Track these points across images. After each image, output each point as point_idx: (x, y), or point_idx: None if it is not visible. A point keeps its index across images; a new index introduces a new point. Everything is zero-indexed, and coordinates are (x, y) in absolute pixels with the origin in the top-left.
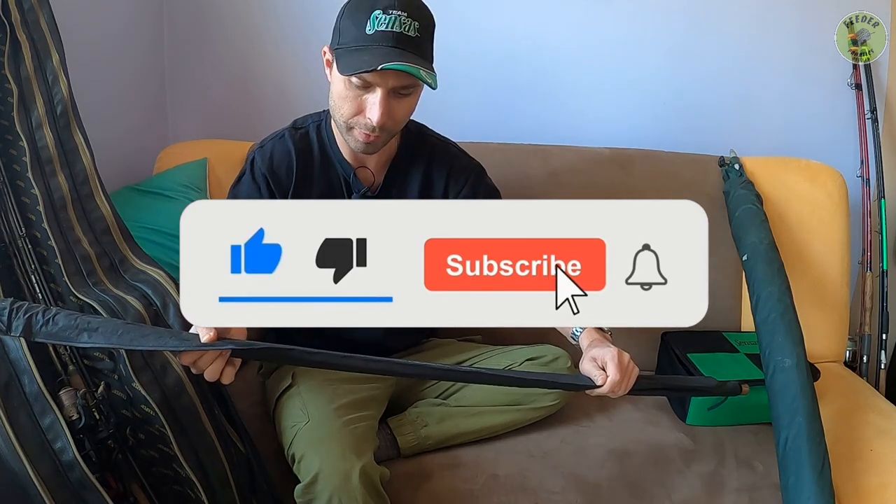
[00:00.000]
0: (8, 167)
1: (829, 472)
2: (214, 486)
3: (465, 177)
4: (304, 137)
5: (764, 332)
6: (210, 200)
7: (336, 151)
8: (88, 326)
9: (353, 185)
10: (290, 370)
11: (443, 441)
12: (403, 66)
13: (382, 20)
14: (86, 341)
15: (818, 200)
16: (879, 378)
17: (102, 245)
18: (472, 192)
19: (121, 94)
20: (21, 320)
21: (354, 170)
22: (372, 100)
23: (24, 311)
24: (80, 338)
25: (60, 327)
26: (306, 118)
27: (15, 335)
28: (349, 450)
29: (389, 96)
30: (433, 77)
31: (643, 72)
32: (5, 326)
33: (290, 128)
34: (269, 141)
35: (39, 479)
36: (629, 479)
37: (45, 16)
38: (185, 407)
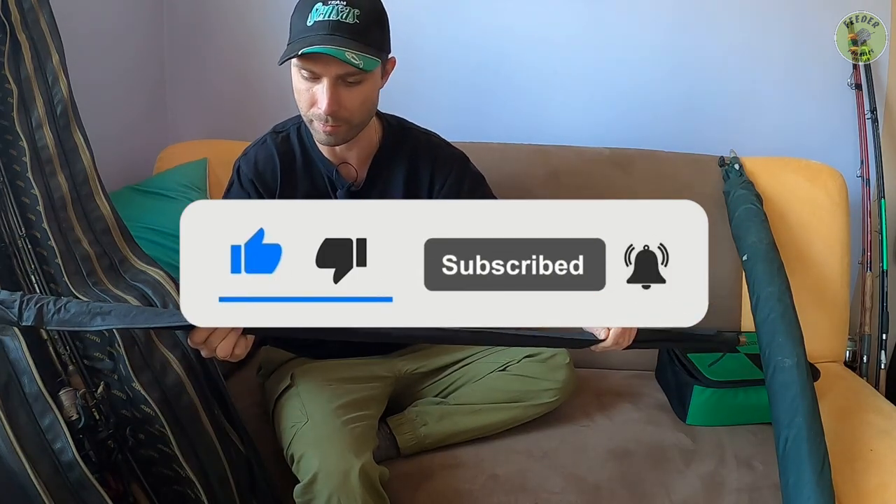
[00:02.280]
0: (8, 167)
1: (829, 472)
2: (214, 486)
3: (450, 166)
4: (285, 140)
5: (764, 332)
6: (210, 200)
7: (317, 151)
8: (101, 311)
9: (336, 182)
10: (289, 371)
11: (442, 440)
12: (321, 49)
13: (321, 11)
14: (99, 324)
15: (818, 200)
16: (879, 378)
17: (102, 245)
18: (457, 181)
19: (121, 93)
20: (32, 310)
21: (336, 167)
22: (320, 90)
23: (35, 302)
24: (93, 322)
25: (73, 314)
26: (286, 122)
27: (27, 324)
28: (348, 449)
29: (337, 85)
30: (366, 60)
31: (643, 71)
32: (16, 317)
33: (271, 132)
34: (252, 148)
35: (39, 479)
36: (629, 479)
37: (45, 16)
38: (185, 407)
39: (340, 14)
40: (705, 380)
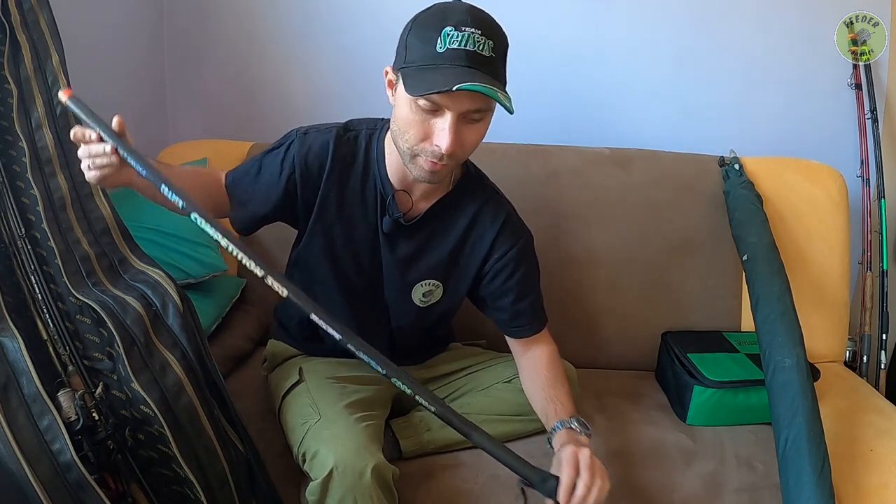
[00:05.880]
0: (8, 168)
1: (829, 472)
2: (213, 486)
3: (516, 240)
4: (351, 142)
5: (764, 332)
6: None
7: (382, 168)
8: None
9: (389, 208)
10: (296, 366)
11: (444, 446)
12: (480, 88)
13: (455, 37)
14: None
15: (818, 200)
16: (879, 378)
17: (102, 245)
18: (517, 260)
19: (121, 94)
20: None
21: (394, 192)
22: (441, 125)
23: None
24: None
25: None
26: (361, 122)
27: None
28: (363, 448)
29: (459, 122)
30: (510, 100)
31: (643, 72)
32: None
33: (341, 127)
34: (314, 132)
35: (37, 480)
36: (629, 479)
37: (45, 16)
38: (184, 407)
39: (477, 44)
40: (705, 380)
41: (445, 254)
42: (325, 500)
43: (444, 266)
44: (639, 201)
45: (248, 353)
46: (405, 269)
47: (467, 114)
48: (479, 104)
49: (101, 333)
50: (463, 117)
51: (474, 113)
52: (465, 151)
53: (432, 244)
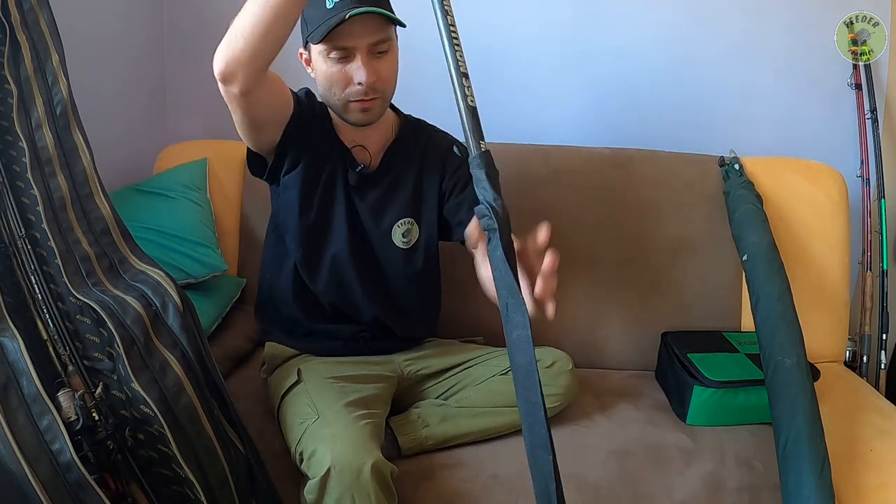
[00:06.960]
0: (7, 168)
1: (829, 472)
2: (213, 486)
3: (463, 156)
4: (316, 106)
5: (764, 332)
6: None
7: (336, 129)
8: None
9: (349, 162)
10: (294, 367)
11: (443, 441)
12: (369, 9)
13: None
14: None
15: (818, 200)
16: (879, 378)
17: (102, 245)
18: (466, 171)
19: (120, 94)
20: None
21: (350, 148)
22: (355, 66)
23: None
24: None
25: None
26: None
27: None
28: (361, 445)
29: (369, 56)
30: (399, 19)
31: (643, 71)
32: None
33: (305, 91)
34: (304, 90)
35: (37, 480)
36: (629, 479)
37: (45, 16)
38: (184, 407)
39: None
40: (705, 380)
41: (409, 190)
42: (324, 498)
43: (411, 202)
44: (639, 201)
45: (248, 353)
46: (379, 215)
47: (372, 48)
48: (379, 35)
49: (101, 333)
50: (371, 53)
51: (379, 45)
52: (386, 82)
53: (397, 185)
